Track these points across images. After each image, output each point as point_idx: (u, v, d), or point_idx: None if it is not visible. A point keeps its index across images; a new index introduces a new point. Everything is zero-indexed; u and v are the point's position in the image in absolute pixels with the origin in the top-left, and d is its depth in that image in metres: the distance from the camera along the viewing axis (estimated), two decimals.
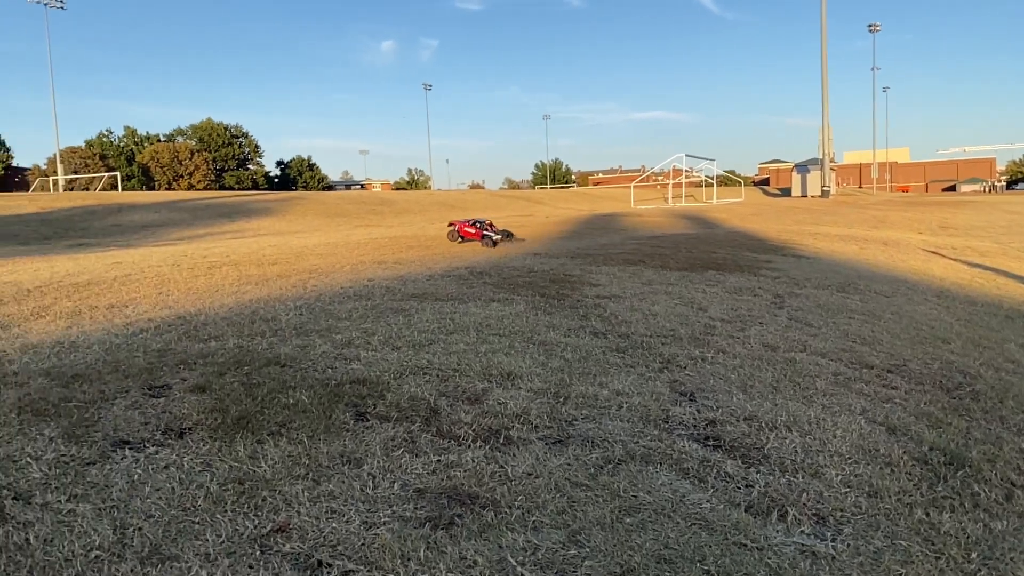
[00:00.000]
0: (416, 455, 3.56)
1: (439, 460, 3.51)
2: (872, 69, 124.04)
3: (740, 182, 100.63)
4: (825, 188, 63.89)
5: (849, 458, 3.78)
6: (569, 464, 3.53)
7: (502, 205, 58.69)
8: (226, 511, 2.90)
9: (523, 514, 2.99)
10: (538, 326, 6.64)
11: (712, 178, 78.61)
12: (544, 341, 6.04)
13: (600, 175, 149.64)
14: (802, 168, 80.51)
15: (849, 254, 16.56)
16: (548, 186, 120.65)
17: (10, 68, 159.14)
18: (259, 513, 2.90)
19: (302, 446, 3.57)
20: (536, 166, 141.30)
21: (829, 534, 2.97)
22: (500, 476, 3.36)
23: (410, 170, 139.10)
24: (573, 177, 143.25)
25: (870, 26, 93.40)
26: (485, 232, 16.30)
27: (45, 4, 60.95)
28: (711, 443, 3.91)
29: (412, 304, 7.53)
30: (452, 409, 4.24)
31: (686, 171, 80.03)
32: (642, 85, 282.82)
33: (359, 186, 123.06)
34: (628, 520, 2.97)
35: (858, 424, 4.33)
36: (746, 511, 3.12)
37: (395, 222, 36.65)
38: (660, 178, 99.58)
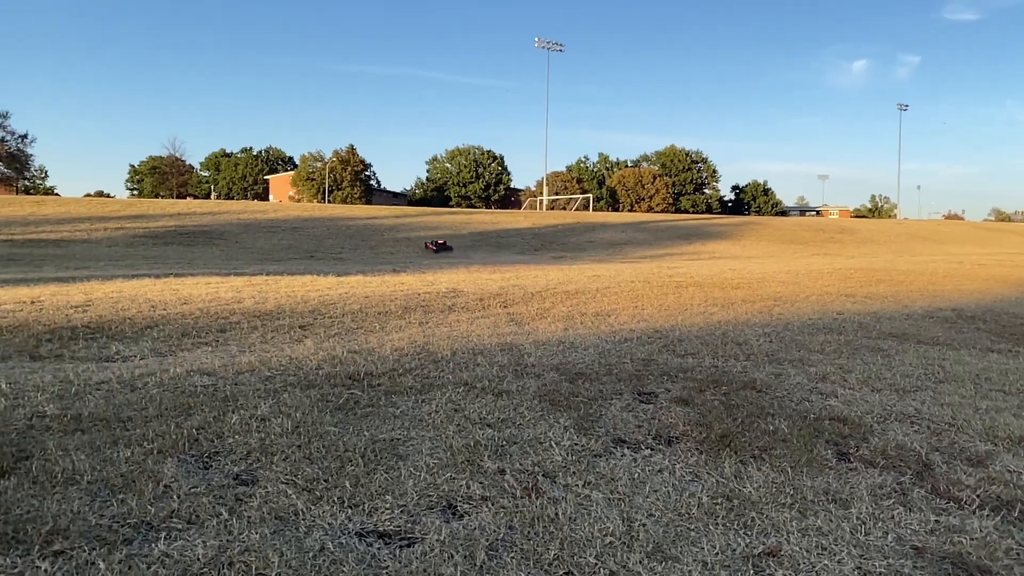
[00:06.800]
0: (909, 509, 3.31)
1: (937, 521, 3.21)
2: None
3: None
4: None
5: None
6: None
7: (986, 240, 50.50)
8: (717, 524, 3.07)
9: None
10: None
11: None
12: None
13: None
14: None
15: None
16: None
17: (518, 104, 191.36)
18: (748, 533, 3.00)
19: (785, 475, 3.59)
20: None
21: None
22: (1018, 554, 2.93)
23: (873, 197, 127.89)
24: None
25: None
26: (433, 245, 25.49)
27: (547, 49, 72.22)
28: None
29: (891, 344, 6.96)
30: (949, 467, 3.83)
31: None
32: None
33: (814, 212, 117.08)
34: None
35: None
36: None
37: (856, 252, 34.16)
38: None
